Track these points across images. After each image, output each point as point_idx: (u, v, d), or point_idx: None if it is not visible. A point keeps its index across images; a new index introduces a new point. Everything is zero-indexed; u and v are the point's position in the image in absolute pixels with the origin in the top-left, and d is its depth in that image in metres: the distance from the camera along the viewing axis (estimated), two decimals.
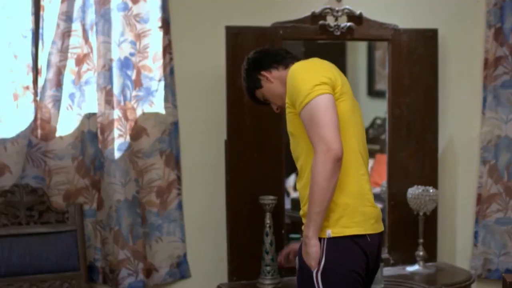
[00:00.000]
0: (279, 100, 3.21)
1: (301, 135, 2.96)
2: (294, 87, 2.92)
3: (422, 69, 4.47)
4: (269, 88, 3.24)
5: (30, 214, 4.03)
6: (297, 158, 3.04)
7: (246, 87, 3.33)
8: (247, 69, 3.31)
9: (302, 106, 2.86)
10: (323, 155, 2.78)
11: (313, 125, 2.83)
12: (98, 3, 4.04)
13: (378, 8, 4.49)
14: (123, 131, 4.11)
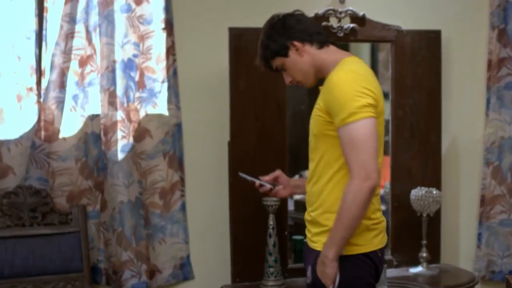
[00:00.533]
0: (301, 76, 3.02)
1: (324, 139, 2.88)
2: (337, 98, 2.77)
3: (426, 71, 4.47)
4: (296, 60, 3.01)
5: (33, 215, 4.03)
6: (313, 159, 2.96)
7: (264, 50, 3.04)
8: (273, 32, 3.03)
9: (344, 123, 2.75)
10: (361, 182, 2.72)
11: (353, 148, 2.74)
12: (102, 4, 4.05)
13: (381, 10, 4.49)
14: (127, 132, 4.11)
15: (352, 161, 2.74)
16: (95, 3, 4.07)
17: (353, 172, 2.73)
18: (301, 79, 3.02)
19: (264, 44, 3.04)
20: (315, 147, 2.95)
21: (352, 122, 2.74)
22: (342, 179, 2.85)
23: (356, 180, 2.72)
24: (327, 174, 2.88)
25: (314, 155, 2.95)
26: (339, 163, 2.85)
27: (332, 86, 2.80)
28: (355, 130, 2.74)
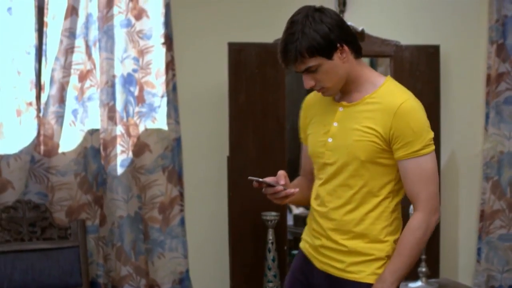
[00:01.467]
0: (332, 83, 2.72)
1: (372, 166, 2.71)
2: (413, 128, 2.65)
3: (424, 85, 4.47)
4: (336, 65, 2.69)
5: (32, 230, 4.03)
6: (351, 185, 2.74)
7: (309, 43, 2.64)
8: (326, 27, 2.66)
9: (417, 155, 2.66)
10: (430, 216, 2.67)
11: (424, 181, 2.66)
12: (101, 19, 4.06)
13: (380, 25, 4.51)
14: (126, 147, 4.12)
15: (421, 194, 2.67)
16: (95, 18, 4.08)
17: (421, 205, 2.67)
18: (330, 86, 2.73)
19: (309, 37, 2.64)
20: (356, 173, 2.73)
21: (424, 154, 2.66)
22: (387, 208, 2.75)
23: (426, 214, 2.66)
24: (369, 202, 2.74)
25: (354, 182, 2.74)
26: (384, 192, 2.74)
27: (407, 114, 2.66)
28: (427, 162, 2.67)
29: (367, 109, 2.72)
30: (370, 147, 2.69)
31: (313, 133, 2.87)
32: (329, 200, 2.80)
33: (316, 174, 2.88)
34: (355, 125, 2.72)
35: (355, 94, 2.76)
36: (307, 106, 2.95)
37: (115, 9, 4.08)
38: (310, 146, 2.87)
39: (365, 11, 4.52)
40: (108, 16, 4.06)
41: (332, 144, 2.77)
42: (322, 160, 2.81)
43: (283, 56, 2.69)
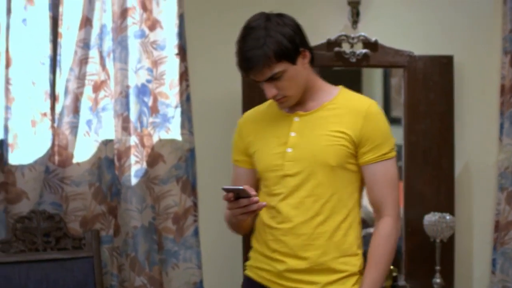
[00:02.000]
0: (294, 90, 2.64)
1: (341, 173, 2.65)
2: (382, 131, 2.66)
3: (438, 96, 4.47)
4: (298, 71, 2.63)
5: (47, 240, 4.04)
6: (320, 194, 2.64)
7: (277, 47, 2.55)
8: (290, 30, 2.62)
9: (385, 158, 2.64)
10: (397, 221, 2.66)
11: (390, 185, 2.65)
12: (116, 30, 4.08)
13: (394, 35, 4.51)
14: (140, 157, 4.12)
15: (388, 199, 2.64)
16: (109, 29, 4.10)
17: (389, 210, 2.64)
18: (293, 94, 2.65)
19: (276, 40, 2.56)
20: (325, 181, 2.64)
21: (391, 158, 2.65)
22: (355, 218, 2.69)
23: (395, 219, 2.64)
24: (340, 212, 2.65)
25: (323, 190, 2.64)
26: (353, 201, 2.68)
27: (376, 116, 2.66)
28: (393, 166, 2.66)
29: (331, 114, 2.67)
30: (341, 151, 2.63)
31: (260, 148, 2.75)
32: (295, 214, 2.65)
33: (270, 190, 2.72)
34: (320, 131, 2.65)
35: (310, 103, 2.70)
36: (245, 124, 2.85)
37: (129, 20, 4.09)
38: (261, 162, 2.73)
39: (378, 22, 4.52)
40: (122, 27, 4.08)
41: (293, 154, 2.66)
42: (280, 172, 2.67)
43: (247, 63, 2.57)
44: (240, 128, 2.88)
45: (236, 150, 2.88)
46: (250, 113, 2.90)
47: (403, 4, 4.60)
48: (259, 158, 2.75)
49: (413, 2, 4.61)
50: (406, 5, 4.60)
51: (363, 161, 2.64)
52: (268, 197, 2.71)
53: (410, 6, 4.60)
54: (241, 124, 2.89)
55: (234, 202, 2.57)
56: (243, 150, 2.83)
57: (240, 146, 2.85)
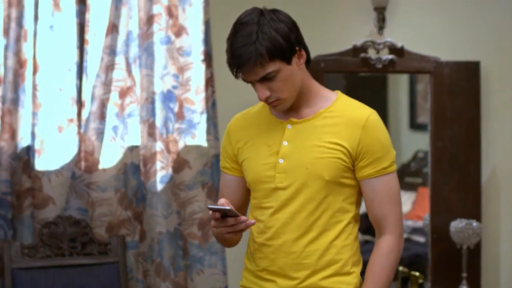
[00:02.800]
0: (288, 93, 2.42)
1: (335, 187, 2.45)
2: (382, 143, 2.45)
3: (465, 102, 4.44)
4: (293, 72, 2.42)
5: (73, 245, 4.05)
6: (312, 210, 2.45)
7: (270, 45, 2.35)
8: (286, 27, 2.40)
9: (385, 173, 2.45)
10: (400, 239, 2.48)
11: (393, 201, 2.47)
12: (142, 36, 4.09)
13: (420, 41, 4.49)
14: (165, 163, 4.13)
15: (390, 216, 2.46)
16: (135, 35, 4.12)
17: (390, 227, 2.46)
18: (287, 97, 2.43)
19: (270, 37, 2.36)
20: (318, 195, 2.44)
21: (392, 172, 2.46)
22: (350, 235, 2.49)
23: (396, 237, 2.47)
24: (333, 229, 2.46)
25: (315, 206, 2.45)
26: (348, 217, 2.48)
27: (375, 127, 2.45)
28: (394, 181, 2.47)
29: (327, 124, 2.46)
30: (335, 164, 2.42)
31: (251, 156, 2.53)
32: (285, 230, 2.46)
33: (260, 203, 2.52)
34: (314, 142, 2.44)
35: (305, 109, 2.49)
36: (235, 129, 2.61)
37: (155, 26, 4.11)
38: (251, 172, 2.52)
39: (404, 27, 4.50)
40: (148, 33, 4.09)
41: (285, 165, 2.45)
42: (271, 185, 2.47)
43: (238, 61, 2.37)
44: (229, 133, 2.63)
45: (224, 156, 2.64)
46: (240, 117, 2.66)
47: (429, 10, 4.58)
48: (248, 167, 2.53)
49: (439, 8, 4.59)
50: (432, 10, 4.58)
51: (362, 176, 2.45)
52: (257, 210, 2.54)
53: (436, 12, 4.58)
54: (230, 129, 2.64)
55: (220, 220, 2.36)
56: (232, 156, 2.60)
57: (229, 152, 2.61)
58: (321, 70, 4.20)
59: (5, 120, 4.01)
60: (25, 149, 4.07)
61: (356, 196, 2.51)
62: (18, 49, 4.02)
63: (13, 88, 4.02)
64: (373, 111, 2.48)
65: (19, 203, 4.07)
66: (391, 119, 5.60)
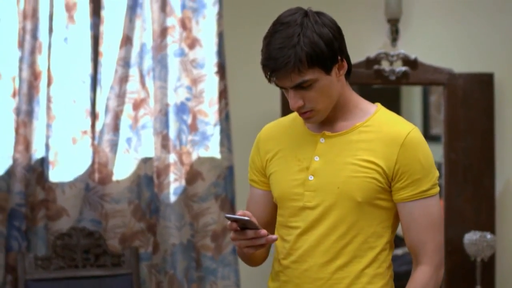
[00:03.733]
0: (324, 104, 2.24)
1: (369, 209, 2.26)
2: (422, 163, 2.23)
3: (478, 113, 4.43)
4: (332, 82, 2.23)
5: (86, 257, 4.06)
6: (342, 234, 2.26)
7: (314, 49, 2.16)
8: (331, 34, 2.22)
9: (425, 196, 2.24)
10: (438, 271, 2.25)
11: (432, 228, 2.24)
12: (155, 49, 4.11)
13: (433, 53, 4.49)
14: (179, 175, 4.14)
15: (428, 244, 2.23)
16: (149, 47, 4.13)
17: (428, 258, 2.24)
18: (321, 109, 2.24)
19: (312, 42, 2.17)
20: (349, 218, 2.24)
21: (433, 195, 2.24)
22: (383, 263, 2.29)
23: (434, 268, 2.24)
24: (365, 256, 2.26)
25: (346, 229, 2.25)
26: (381, 243, 2.28)
27: (416, 146, 2.23)
28: (435, 206, 2.25)
29: (362, 139, 2.26)
30: (369, 185, 2.22)
31: (279, 170, 2.35)
32: (312, 254, 2.28)
33: (286, 221, 2.33)
34: (347, 158, 2.25)
35: (341, 122, 2.30)
36: (266, 139, 2.43)
37: (168, 38, 4.12)
38: (278, 187, 2.34)
39: (418, 39, 4.51)
40: (162, 45, 4.11)
41: (315, 182, 2.27)
42: (299, 203, 2.29)
43: (274, 64, 2.19)
44: (258, 144, 2.45)
45: (253, 168, 2.46)
46: (271, 127, 2.48)
47: (443, 22, 4.58)
48: (276, 182, 2.35)
49: (453, 20, 4.59)
50: (446, 22, 4.58)
51: (399, 198, 2.24)
52: (283, 229, 2.34)
53: (450, 24, 4.58)
54: (260, 139, 2.46)
55: (239, 232, 2.18)
56: (260, 169, 2.42)
57: (258, 164, 2.43)
58: None
59: (20, 132, 4.03)
60: (39, 160, 4.09)
61: (392, 219, 2.29)
62: (33, 61, 4.04)
63: (27, 100, 4.04)
64: (414, 128, 2.26)
65: (33, 214, 4.08)
66: None
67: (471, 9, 4.58)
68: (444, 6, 4.59)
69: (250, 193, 2.49)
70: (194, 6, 4.17)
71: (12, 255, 4.03)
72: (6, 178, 4.06)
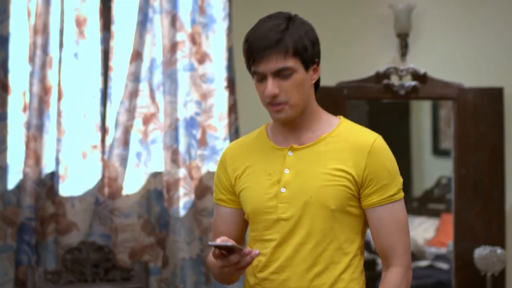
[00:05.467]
0: (297, 99, 2.29)
1: (341, 217, 2.31)
2: (389, 169, 2.32)
3: (488, 128, 4.43)
4: (306, 82, 2.31)
5: (96, 271, 4.06)
6: (317, 242, 2.31)
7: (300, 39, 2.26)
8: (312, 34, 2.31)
9: (392, 200, 2.31)
10: (409, 271, 2.33)
11: (401, 231, 2.31)
12: (165, 64, 4.12)
13: (443, 67, 4.48)
14: (188, 189, 4.14)
15: (398, 246, 2.31)
16: (159, 62, 4.15)
17: (398, 259, 2.31)
18: (294, 103, 2.29)
19: (299, 34, 2.27)
20: (323, 226, 2.30)
21: (399, 199, 2.32)
22: (357, 268, 2.35)
23: (405, 268, 2.31)
24: (340, 262, 2.32)
25: (321, 237, 2.31)
26: (354, 249, 2.34)
27: (381, 153, 2.32)
28: (402, 209, 2.33)
29: (330, 149, 2.32)
30: (341, 192, 2.29)
31: (250, 186, 2.37)
32: (290, 264, 2.32)
33: (261, 235, 2.36)
34: (318, 169, 2.31)
35: (306, 134, 2.36)
36: (232, 158, 2.44)
37: (178, 53, 4.14)
38: (251, 202, 2.36)
39: (427, 54, 4.51)
40: (172, 60, 4.12)
41: (287, 194, 2.31)
42: (273, 215, 2.32)
43: (261, 43, 2.24)
44: (224, 163, 2.45)
45: (219, 187, 2.46)
46: (235, 145, 2.49)
47: (452, 36, 4.58)
48: (248, 198, 2.37)
49: (462, 34, 4.59)
50: (455, 37, 4.58)
51: (368, 204, 2.31)
52: (257, 243, 2.37)
53: (459, 38, 4.58)
54: (225, 158, 2.45)
55: (225, 259, 2.19)
56: (229, 187, 2.43)
57: (225, 183, 2.43)
58: (343, 97, 4.21)
59: (30, 146, 4.04)
60: (49, 175, 4.10)
61: (361, 225, 2.37)
62: (43, 76, 4.06)
63: (38, 114, 4.06)
64: (378, 136, 2.35)
65: (43, 228, 4.09)
66: (414, 145, 5.59)
67: (481, 24, 4.59)
68: (454, 20, 4.59)
69: (218, 212, 2.49)
70: (204, 21, 4.19)
71: (22, 269, 4.04)
72: (16, 192, 4.07)
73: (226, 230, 2.44)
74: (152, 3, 4.14)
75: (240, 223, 2.46)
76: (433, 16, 4.56)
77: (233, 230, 2.45)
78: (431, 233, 5.71)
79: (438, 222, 5.69)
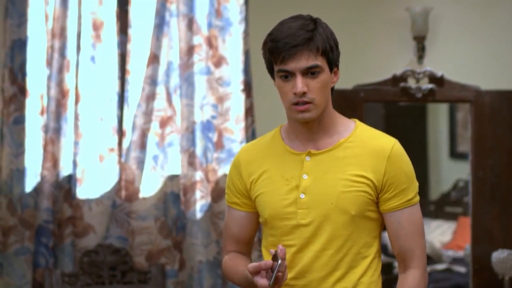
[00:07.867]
0: (321, 99, 2.30)
1: (361, 222, 2.35)
2: (407, 174, 2.36)
3: (506, 131, 4.41)
4: (328, 83, 2.33)
5: (113, 274, 4.08)
6: (338, 247, 2.33)
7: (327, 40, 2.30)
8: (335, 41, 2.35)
9: (410, 204, 2.35)
10: (426, 273, 2.38)
11: (418, 234, 2.35)
12: (182, 67, 4.13)
13: (460, 70, 4.47)
14: (205, 192, 4.15)
15: (416, 248, 2.35)
16: (176, 65, 4.16)
17: (416, 262, 2.35)
18: (318, 103, 2.30)
19: (326, 34, 2.30)
20: (343, 231, 2.33)
21: (416, 203, 2.36)
22: (375, 272, 2.39)
23: (422, 270, 2.36)
24: (359, 266, 2.36)
25: (341, 242, 2.34)
26: (372, 252, 2.38)
27: (400, 157, 2.35)
28: (419, 213, 2.37)
29: (349, 155, 2.34)
30: (361, 198, 2.32)
31: (267, 191, 2.38)
32: (310, 269, 2.34)
33: (280, 240, 2.36)
34: (337, 174, 2.32)
35: (324, 139, 2.37)
36: (247, 162, 2.43)
37: (195, 56, 4.15)
38: (269, 208, 2.37)
39: (444, 56, 4.49)
40: (189, 63, 4.13)
41: (307, 200, 2.32)
42: (292, 221, 2.34)
43: (293, 40, 2.25)
44: (238, 167, 2.45)
45: (233, 190, 2.47)
46: (249, 148, 2.49)
47: (469, 39, 4.56)
48: (265, 203, 2.38)
49: (480, 37, 4.57)
50: (472, 39, 4.56)
51: (387, 208, 2.34)
52: (276, 249, 2.31)
53: (476, 41, 4.56)
54: (240, 161, 2.46)
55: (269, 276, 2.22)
56: (243, 191, 2.44)
57: (240, 187, 2.44)
58: (360, 100, 4.20)
59: (48, 149, 4.07)
60: (66, 178, 4.12)
61: (379, 229, 2.40)
62: (61, 80, 4.09)
63: (55, 117, 4.08)
64: (396, 141, 2.38)
65: (60, 231, 4.11)
66: (431, 148, 5.58)
67: (498, 27, 4.57)
68: (471, 23, 4.57)
69: (230, 214, 2.50)
70: (221, 25, 4.19)
71: (40, 272, 4.06)
72: (34, 195, 4.10)
73: (239, 233, 2.49)
74: (169, 6, 4.15)
75: (253, 226, 2.50)
76: (450, 18, 4.55)
77: (246, 233, 2.50)
78: (448, 236, 5.69)
79: (455, 225, 5.67)
